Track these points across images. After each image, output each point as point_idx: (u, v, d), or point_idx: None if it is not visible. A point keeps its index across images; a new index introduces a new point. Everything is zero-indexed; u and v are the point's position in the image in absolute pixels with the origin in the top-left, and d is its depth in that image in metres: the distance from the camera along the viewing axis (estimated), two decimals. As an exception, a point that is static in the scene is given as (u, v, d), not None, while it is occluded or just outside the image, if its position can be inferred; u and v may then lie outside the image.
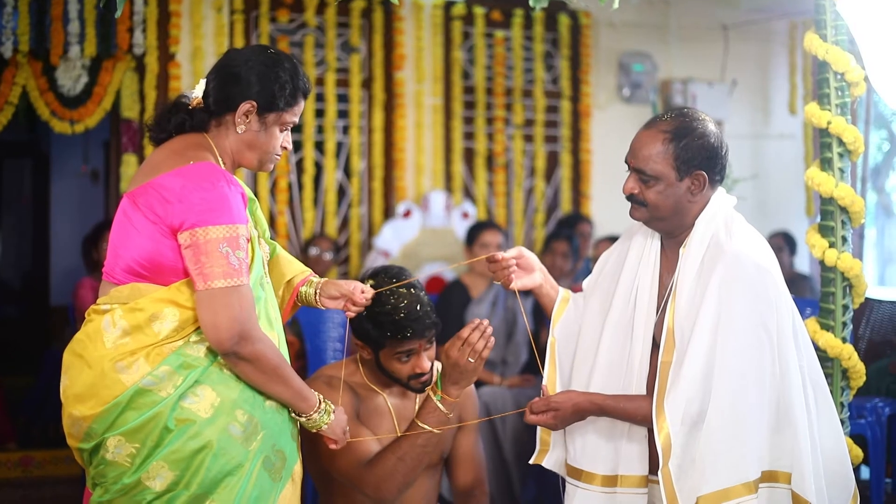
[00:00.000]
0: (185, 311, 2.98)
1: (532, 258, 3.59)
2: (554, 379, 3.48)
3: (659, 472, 3.06)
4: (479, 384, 5.58)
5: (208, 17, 7.44)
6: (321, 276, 6.97)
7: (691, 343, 3.08)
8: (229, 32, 7.47)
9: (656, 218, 3.26)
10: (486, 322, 3.23)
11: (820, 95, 3.99)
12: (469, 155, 8.21)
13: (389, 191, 7.93)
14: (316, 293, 3.45)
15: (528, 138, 8.38)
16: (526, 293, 6.54)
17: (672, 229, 3.27)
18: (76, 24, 6.94)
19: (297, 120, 3.21)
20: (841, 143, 3.93)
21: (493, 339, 3.23)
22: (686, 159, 3.19)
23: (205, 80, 3.18)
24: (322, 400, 3.16)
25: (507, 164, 8.33)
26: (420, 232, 7.78)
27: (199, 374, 2.97)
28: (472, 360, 3.22)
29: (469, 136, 8.20)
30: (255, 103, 3.09)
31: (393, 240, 7.71)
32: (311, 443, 3.45)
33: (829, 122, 3.92)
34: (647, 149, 3.21)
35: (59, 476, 6.84)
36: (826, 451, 3.21)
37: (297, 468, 3.15)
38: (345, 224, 7.92)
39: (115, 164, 7.49)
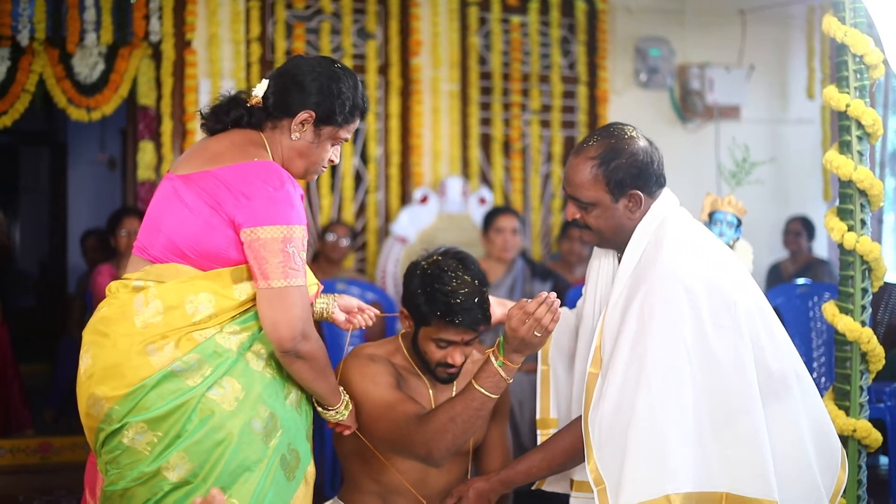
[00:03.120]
0: (222, 299, 2.99)
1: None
2: (547, 406, 3.55)
3: (595, 493, 3.06)
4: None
5: (224, 4, 7.43)
6: (338, 262, 7.03)
7: (612, 360, 3.08)
8: (245, 19, 7.46)
9: (603, 240, 3.28)
10: (553, 295, 3.14)
11: (838, 78, 3.96)
12: (486, 141, 8.20)
13: (406, 177, 7.92)
14: (332, 305, 3.54)
15: (545, 124, 8.36)
16: (544, 278, 6.59)
17: (620, 246, 3.27)
18: (92, 12, 6.96)
19: (349, 137, 3.23)
20: (860, 125, 3.90)
21: (559, 311, 3.15)
22: (617, 181, 3.18)
23: (267, 80, 3.20)
24: (345, 397, 3.28)
25: (524, 150, 8.31)
26: (437, 218, 7.77)
27: (228, 365, 2.98)
28: (538, 335, 3.14)
29: (486, 121, 8.19)
30: (313, 114, 3.11)
31: (410, 226, 7.70)
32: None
33: (847, 105, 3.89)
34: (578, 176, 3.21)
35: (78, 462, 6.82)
36: (815, 431, 3.21)
37: (311, 469, 3.17)
38: (362, 210, 7.93)
39: (132, 152, 7.51)
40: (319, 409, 3.26)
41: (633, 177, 3.19)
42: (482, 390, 3.22)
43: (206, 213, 2.99)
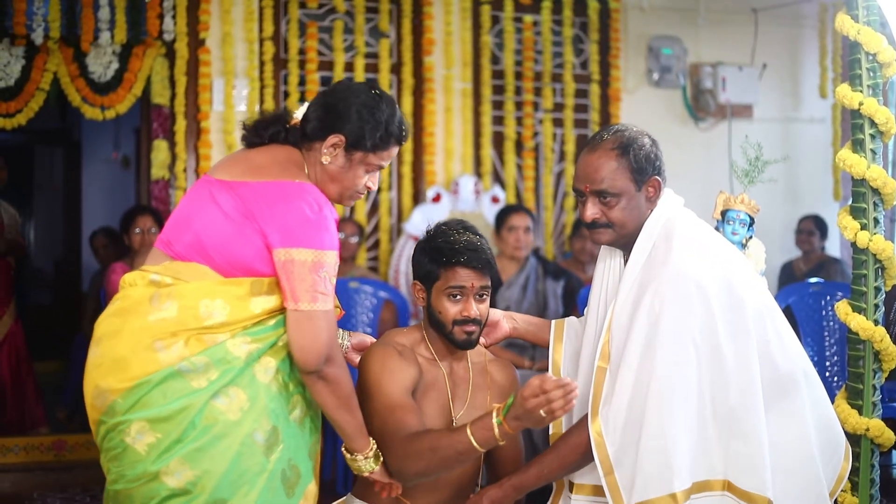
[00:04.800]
0: (237, 310, 3.01)
1: (489, 312, 3.60)
2: (560, 422, 3.50)
3: (603, 483, 3.09)
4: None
5: (238, 3, 7.45)
6: (348, 260, 7.03)
7: (624, 356, 3.11)
8: (259, 18, 7.48)
9: (622, 235, 3.28)
10: (575, 385, 3.00)
11: (851, 76, 3.97)
12: (498, 139, 8.19)
13: (419, 175, 7.92)
14: (346, 342, 3.56)
15: (558, 122, 8.36)
16: (557, 277, 6.59)
17: (633, 243, 3.28)
18: (106, 11, 6.99)
19: (384, 164, 3.23)
20: (873, 124, 3.90)
21: (573, 403, 3.01)
22: (640, 169, 3.22)
23: (308, 103, 3.24)
24: (374, 447, 3.24)
25: (537, 149, 8.31)
26: (449, 216, 7.73)
27: (234, 374, 2.99)
28: (543, 414, 3.01)
29: (498, 120, 8.19)
30: (343, 138, 3.12)
31: (423, 224, 7.67)
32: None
33: (860, 103, 3.89)
34: (602, 169, 3.23)
35: (92, 460, 6.83)
36: (819, 425, 3.23)
37: (312, 488, 3.17)
38: (374, 209, 7.93)
39: (146, 151, 7.54)
40: (347, 456, 3.24)
41: (652, 163, 3.25)
42: (472, 438, 3.13)
43: (239, 222, 3.02)
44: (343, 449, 3.25)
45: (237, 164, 3.14)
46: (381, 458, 3.25)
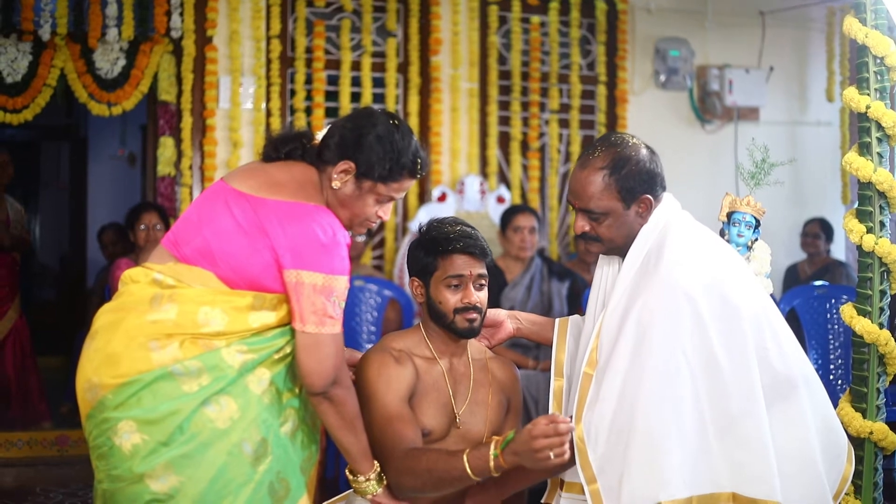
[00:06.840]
0: (235, 322, 3.01)
1: (494, 313, 3.64)
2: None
3: (586, 492, 3.07)
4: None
5: (245, 1, 7.46)
6: (355, 259, 7.03)
7: (610, 365, 3.10)
8: (266, 16, 7.48)
9: (612, 249, 3.31)
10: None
11: (859, 79, 3.97)
12: (504, 139, 8.19)
13: (425, 175, 7.88)
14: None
15: (564, 123, 8.35)
16: (562, 278, 6.59)
17: (627, 251, 3.29)
18: (114, 7, 7.01)
19: (396, 196, 3.22)
20: (880, 127, 3.90)
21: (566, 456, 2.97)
22: (629, 188, 3.22)
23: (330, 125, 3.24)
24: (378, 469, 3.24)
25: (543, 149, 8.31)
26: (455, 216, 7.74)
27: (226, 382, 2.99)
28: (552, 456, 2.93)
29: (505, 120, 8.18)
30: (353, 165, 3.11)
31: (428, 224, 7.67)
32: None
33: (867, 107, 3.89)
34: (590, 188, 3.23)
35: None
36: (820, 428, 3.21)
37: (304, 502, 3.14)
38: (380, 208, 7.90)
39: (153, 148, 7.55)
40: (350, 477, 3.25)
41: (643, 182, 3.23)
42: (467, 466, 3.13)
43: (252, 235, 3.02)
44: (347, 471, 3.26)
45: (255, 177, 3.13)
46: (385, 481, 3.25)
